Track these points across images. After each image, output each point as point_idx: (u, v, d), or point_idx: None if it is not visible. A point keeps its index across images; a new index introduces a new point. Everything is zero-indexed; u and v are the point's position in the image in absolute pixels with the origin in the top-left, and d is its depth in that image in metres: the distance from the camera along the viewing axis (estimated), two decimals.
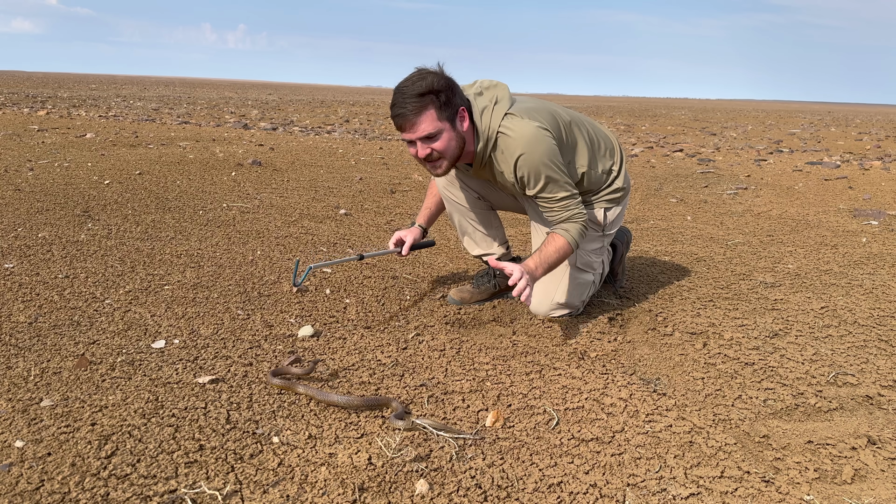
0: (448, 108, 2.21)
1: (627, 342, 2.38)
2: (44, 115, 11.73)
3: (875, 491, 1.53)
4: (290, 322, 2.45)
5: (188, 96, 25.99)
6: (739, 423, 1.82)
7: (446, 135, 2.24)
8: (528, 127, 2.25)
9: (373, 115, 18.39)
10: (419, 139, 2.23)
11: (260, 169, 6.22)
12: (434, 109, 2.19)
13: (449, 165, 2.33)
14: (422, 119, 2.19)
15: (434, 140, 2.23)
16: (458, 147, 2.29)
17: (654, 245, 3.89)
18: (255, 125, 12.29)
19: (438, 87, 2.18)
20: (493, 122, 2.29)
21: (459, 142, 2.28)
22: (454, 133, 2.25)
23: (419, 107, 2.17)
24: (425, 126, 2.20)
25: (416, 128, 2.20)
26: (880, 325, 2.61)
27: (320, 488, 1.46)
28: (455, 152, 2.29)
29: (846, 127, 20.05)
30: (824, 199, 5.75)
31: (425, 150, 2.25)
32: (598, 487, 1.51)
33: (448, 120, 2.23)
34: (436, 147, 2.25)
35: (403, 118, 2.20)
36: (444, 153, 2.27)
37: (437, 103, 2.19)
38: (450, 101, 2.22)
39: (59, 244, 3.30)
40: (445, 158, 2.29)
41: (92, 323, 2.34)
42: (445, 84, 2.21)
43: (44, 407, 1.75)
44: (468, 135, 2.30)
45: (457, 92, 2.26)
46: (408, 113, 2.18)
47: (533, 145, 2.25)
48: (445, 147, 2.25)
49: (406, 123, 2.21)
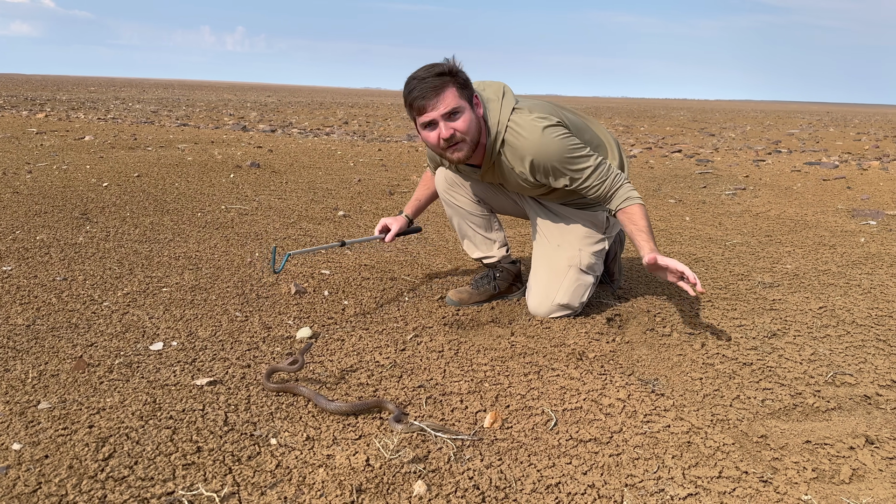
0: (465, 88, 2.23)
1: (626, 343, 2.38)
2: (42, 117, 11.73)
3: (873, 491, 1.53)
4: (289, 324, 2.45)
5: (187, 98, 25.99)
6: (737, 424, 1.82)
7: (468, 114, 2.23)
8: (536, 125, 2.26)
9: (371, 116, 18.40)
10: (442, 116, 2.20)
11: (258, 171, 6.22)
12: (455, 87, 2.20)
13: (469, 149, 2.29)
14: (444, 95, 2.19)
15: (456, 117, 2.21)
16: (478, 130, 2.28)
17: None
18: (253, 127, 12.29)
19: (453, 70, 2.21)
20: (503, 115, 2.30)
21: (479, 124, 2.28)
22: (473, 115, 2.26)
23: (440, 84, 2.18)
24: (448, 101, 2.19)
25: (439, 104, 2.19)
26: (878, 324, 2.61)
27: (318, 490, 1.46)
28: (475, 135, 2.28)
29: (844, 127, 20.07)
30: (823, 199, 5.76)
31: (448, 130, 2.22)
32: (596, 488, 1.51)
33: (467, 100, 2.24)
34: (458, 126, 2.22)
35: (425, 98, 2.19)
36: (466, 133, 2.24)
37: (457, 83, 2.21)
38: (466, 84, 2.24)
39: (57, 247, 3.30)
40: (467, 141, 2.26)
41: (90, 325, 2.34)
42: (458, 69, 2.24)
43: (41, 409, 1.75)
44: (482, 124, 2.31)
45: (469, 81, 2.28)
46: (429, 90, 2.18)
47: (544, 145, 2.26)
48: (467, 127, 2.23)
49: (428, 102, 2.19)
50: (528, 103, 2.35)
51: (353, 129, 13.32)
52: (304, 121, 15.30)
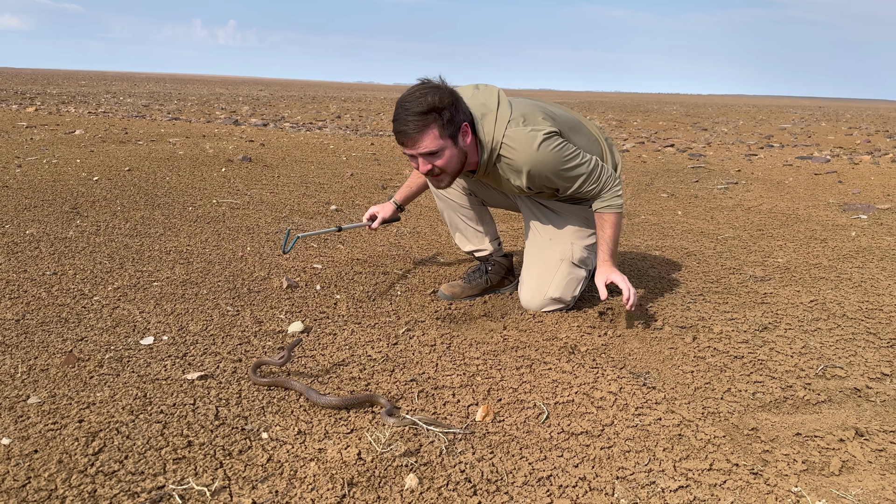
0: (451, 125, 2.21)
1: (617, 336, 2.39)
2: (32, 111, 11.64)
3: (862, 482, 1.54)
4: (280, 318, 2.44)
5: (178, 92, 25.85)
6: (728, 416, 1.83)
7: (448, 152, 2.25)
8: (531, 139, 2.25)
9: (364, 111, 18.35)
10: (420, 155, 2.24)
11: (250, 165, 6.19)
12: (437, 128, 2.19)
13: (451, 179, 2.35)
14: (424, 137, 2.19)
15: (436, 157, 2.24)
16: (460, 162, 2.31)
17: (645, 240, 3.90)
18: (245, 121, 12.24)
19: (441, 104, 2.17)
20: (497, 131, 2.29)
21: (461, 157, 2.30)
22: (456, 150, 2.26)
23: (421, 125, 2.18)
24: (427, 143, 2.20)
25: (418, 145, 2.21)
26: (868, 317, 2.63)
27: (309, 484, 1.46)
28: (456, 168, 2.31)
29: (836, 122, 20.15)
30: (814, 193, 5.78)
31: (426, 165, 2.27)
32: (588, 480, 1.51)
33: (450, 137, 2.23)
34: (437, 164, 2.26)
35: (405, 135, 2.21)
36: (444, 169, 2.28)
37: (440, 121, 2.19)
38: (453, 119, 2.21)
39: (47, 241, 3.28)
40: (447, 173, 2.31)
41: (80, 320, 2.33)
42: (449, 100, 2.20)
43: (31, 404, 1.74)
44: (471, 148, 2.31)
45: (460, 108, 2.24)
46: (410, 131, 2.19)
47: (539, 160, 2.27)
48: (446, 164, 2.27)
49: (408, 140, 2.22)
50: (522, 110, 2.33)
51: (345, 123, 13.28)
52: (296, 115, 15.24)
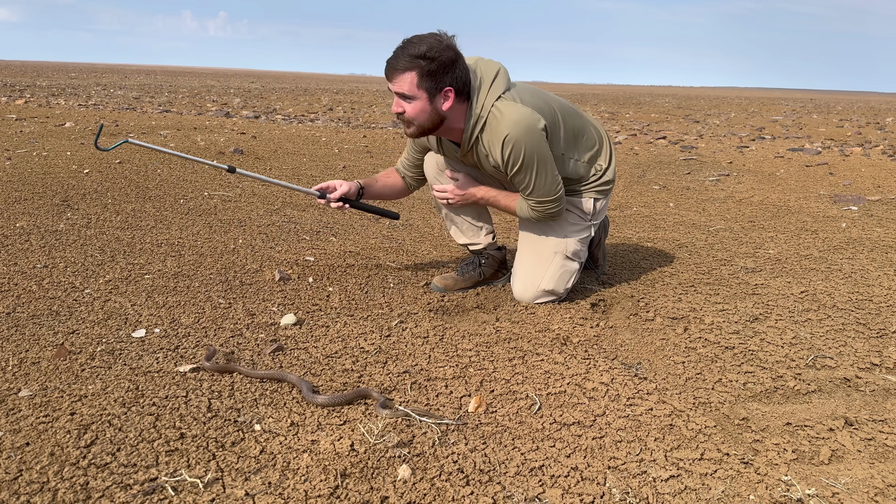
0: (430, 79, 2.23)
1: (609, 327, 2.40)
2: (22, 104, 11.55)
3: (851, 471, 1.55)
4: (273, 310, 2.44)
5: (169, 85, 25.70)
6: (719, 406, 1.84)
7: (419, 104, 2.27)
8: (518, 110, 2.25)
9: (357, 103, 18.29)
10: (396, 94, 2.29)
11: (242, 157, 6.17)
12: (416, 76, 2.22)
13: (417, 131, 2.36)
14: (402, 78, 2.25)
15: (407, 101, 2.28)
16: (431, 121, 2.32)
17: (637, 231, 3.91)
18: (237, 114, 12.18)
19: (431, 55, 2.20)
20: (487, 102, 2.29)
21: (433, 116, 2.30)
22: (429, 106, 2.27)
23: (405, 66, 2.23)
24: (401, 84, 2.26)
25: (394, 80, 2.27)
26: (858, 308, 2.64)
27: (302, 475, 1.46)
28: (425, 124, 2.33)
29: (828, 114, 20.22)
30: (805, 185, 5.80)
31: (398, 108, 2.32)
32: (580, 470, 1.52)
33: (426, 90, 2.24)
34: (406, 110, 2.30)
35: (390, 68, 2.27)
36: (412, 119, 2.31)
37: (422, 71, 2.22)
38: (434, 74, 2.22)
39: (37, 234, 3.26)
40: (414, 124, 2.33)
41: (71, 312, 2.32)
42: (442, 58, 2.21)
43: (22, 397, 1.73)
44: (452, 114, 2.31)
45: (451, 71, 2.24)
46: (395, 65, 2.25)
47: (521, 127, 2.25)
48: (414, 115, 2.30)
49: (389, 73, 2.28)
50: (520, 94, 2.33)
51: (337, 115, 13.24)
52: (288, 107, 15.18)
